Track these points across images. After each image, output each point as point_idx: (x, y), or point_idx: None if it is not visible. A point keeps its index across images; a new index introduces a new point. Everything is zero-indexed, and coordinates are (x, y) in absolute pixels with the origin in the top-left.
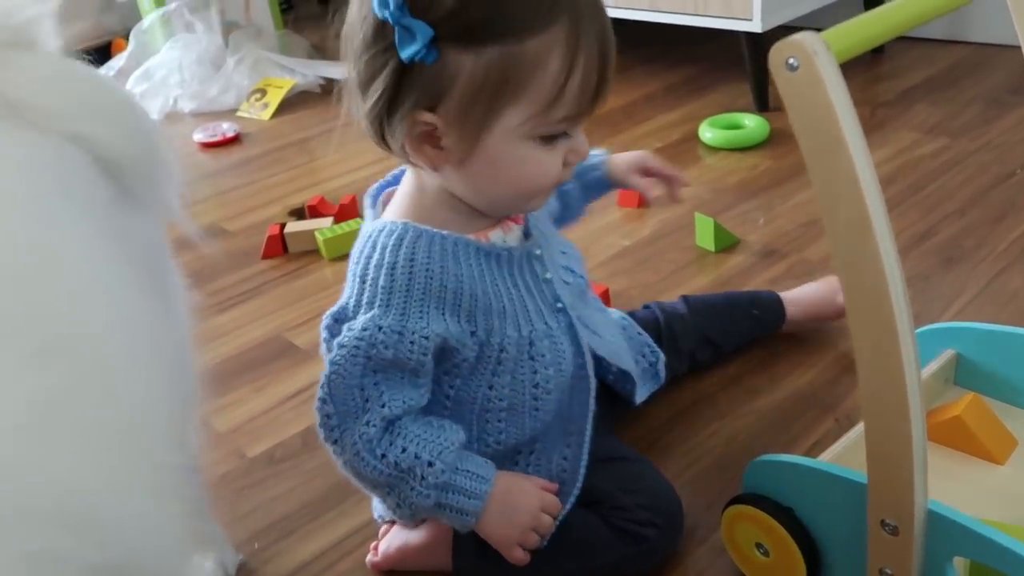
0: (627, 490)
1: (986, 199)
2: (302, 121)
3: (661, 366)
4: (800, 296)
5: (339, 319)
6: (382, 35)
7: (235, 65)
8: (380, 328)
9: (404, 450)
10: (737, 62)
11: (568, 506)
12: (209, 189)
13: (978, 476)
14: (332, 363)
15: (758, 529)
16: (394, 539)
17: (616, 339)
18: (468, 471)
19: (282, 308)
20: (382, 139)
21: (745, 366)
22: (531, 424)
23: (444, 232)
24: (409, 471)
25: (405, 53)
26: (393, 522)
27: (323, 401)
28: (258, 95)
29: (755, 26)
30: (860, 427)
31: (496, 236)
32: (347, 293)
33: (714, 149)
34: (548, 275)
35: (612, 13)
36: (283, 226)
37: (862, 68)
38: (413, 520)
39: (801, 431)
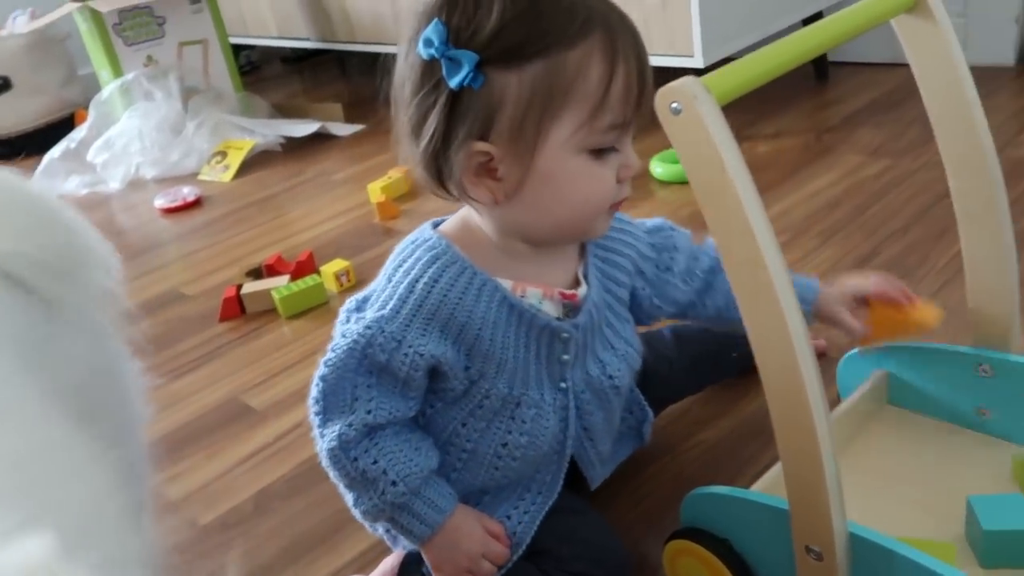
0: (567, 540)
1: (927, 216)
2: (263, 180)
3: (647, 427)
4: None
5: (361, 306)
6: (430, 74)
7: (195, 129)
8: (383, 331)
9: (375, 462)
10: None
11: (510, 563)
12: (171, 254)
13: (903, 494)
14: (333, 348)
15: (698, 563)
16: None
17: (605, 448)
18: (428, 498)
19: (238, 370)
20: (439, 180)
21: (690, 400)
22: (484, 478)
23: (477, 269)
24: (372, 482)
25: (454, 81)
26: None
27: (318, 381)
28: (219, 157)
29: (697, 62)
30: None
31: (533, 295)
32: (375, 283)
33: (665, 183)
34: (566, 357)
35: None
36: (239, 287)
37: (808, 95)
38: (362, 518)
39: (747, 460)
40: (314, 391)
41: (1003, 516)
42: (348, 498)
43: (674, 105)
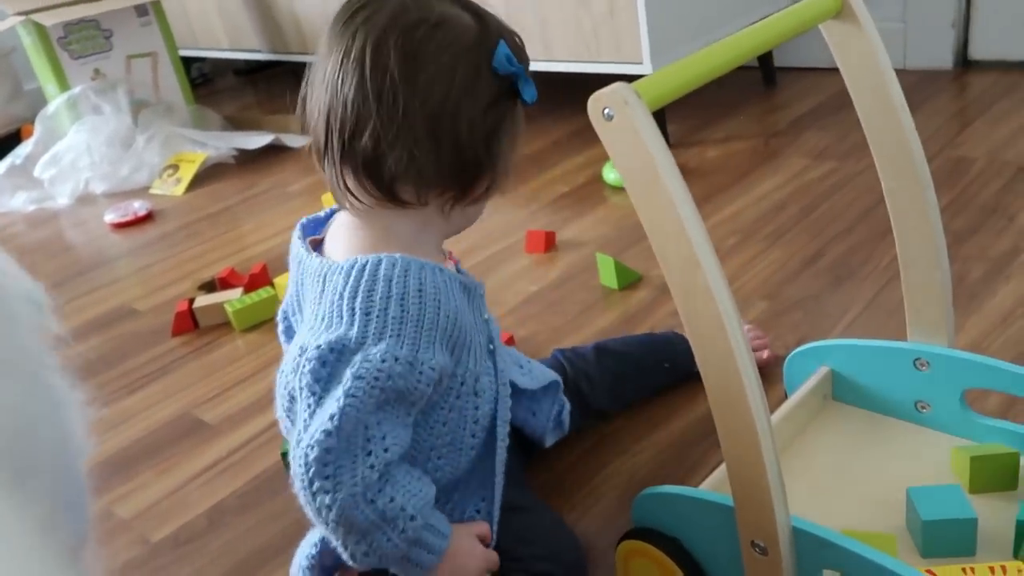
0: (524, 540)
1: (870, 216)
2: (216, 193)
3: (565, 415)
4: None
5: (339, 351)
6: (496, 88)
7: (145, 143)
8: (396, 359)
9: (392, 500)
10: None
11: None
12: (122, 270)
13: (846, 487)
14: (348, 395)
15: (650, 563)
16: None
17: (532, 381)
18: (433, 527)
19: (192, 384)
20: (416, 186)
21: (644, 400)
22: (463, 462)
23: (438, 264)
24: (391, 521)
25: (530, 95)
26: None
27: (327, 434)
28: (170, 171)
29: (646, 68)
30: None
31: (450, 268)
32: (341, 328)
33: (618, 189)
34: (486, 316)
35: None
36: (192, 301)
37: (756, 100)
38: (363, 565)
39: (699, 459)
40: (315, 452)
41: (941, 507)
42: (352, 549)
43: (606, 111)
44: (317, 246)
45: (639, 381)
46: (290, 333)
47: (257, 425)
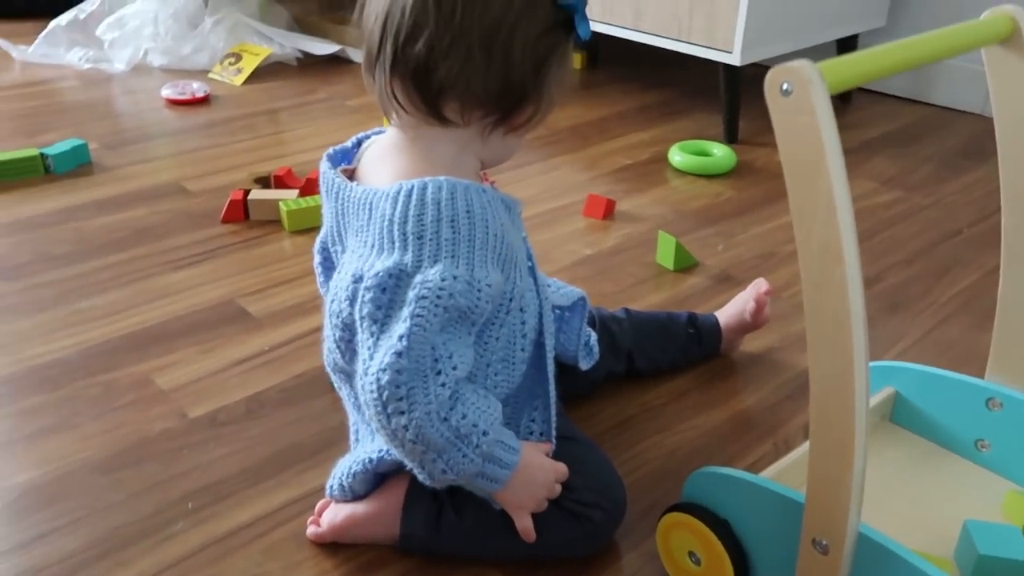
0: (577, 471)
1: (933, 252)
2: (274, 91)
3: (594, 342)
4: (727, 309)
5: (397, 276)
6: (552, 18)
7: (212, 26)
8: (455, 277)
9: (464, 416)
10: (711, 92)
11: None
12: (173, 147)
13: (894, 507)
14: (414, 315)
15: (693, 538)
16: (340, 510)
17: (561, 299)
18: (503, 443)
19: (238, 274)
20: (469, 104)
21: (692, 383)
22: (516, 376)
23: (480, 185)
24: (465, 437)
25: (585, 30)
26: (337, 500)
27: (398, 356)
28: (232, 59)
29: (734, 59)
30: (799, 449)
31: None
32: (395, 254)
33: (682, 173)
34: (524, 234)
35: (595, 27)
36: (247, 192)
37: None
38: (440, 484)
39: (740, 451)
40: (387, 375)
41: (999, 544)
42: (429, 468)
43: (785, 86)
44: (351, 176)
45: (667, 336)
46: (327, 265)
47: (302, 326)
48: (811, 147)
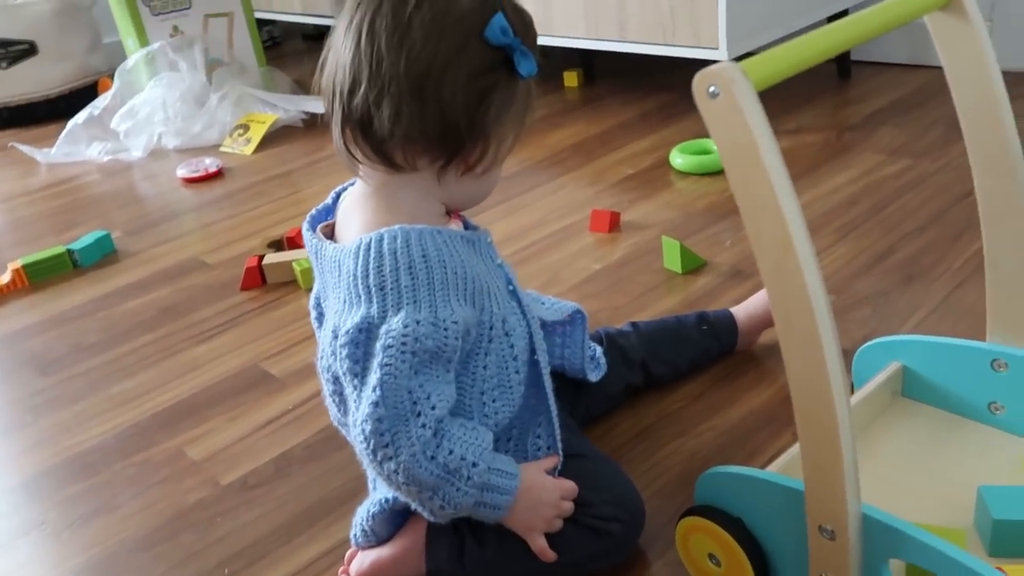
0: (591, 487)
1: (945, 217)
2: (284, 155)
3: (599, 355)
4: (746, 304)
5: (366, 330)
6: (488, 58)
7: (218, 102)
8: (418, 322)
9: (451, 452)
10: None
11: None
12: (192, 224)
13: (913, 482)
14: (383, 365)
15: (710, 540)
16: (366, 556)
17: (555, 313)
18: (499, 469)
19: (259, 338)
20: (461, 143)
21: (706, 384)
22: (516, 398)
23: (435, 227)
24: (456, 472)
25: (527, 69)
26: (362, 547)
27: (375, 406)
28: (241, 130)
29: (722, 54)
30: None
31: (455, 227)
32: (362, 308)
33: (684, 174)
34: (499, 260)
35: (585, 45)
36: (261, 258)
37: (830, 93)
38: (442, 519)
39: (759, 446)
40: (369, 425)
41: (1013, 506)
42: (428, 505)
43: (711, 89)
44: (331, 231)
45: (679, 339)
46: (322, 320)
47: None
48: (745, 145)
